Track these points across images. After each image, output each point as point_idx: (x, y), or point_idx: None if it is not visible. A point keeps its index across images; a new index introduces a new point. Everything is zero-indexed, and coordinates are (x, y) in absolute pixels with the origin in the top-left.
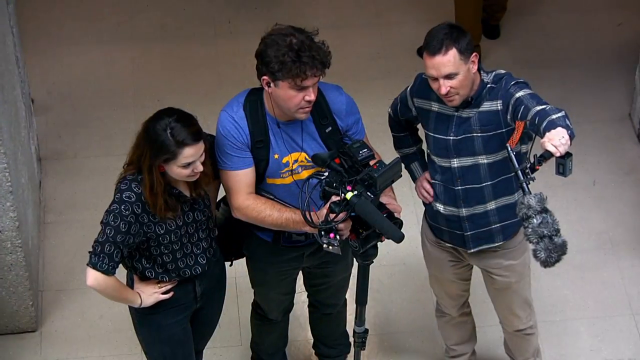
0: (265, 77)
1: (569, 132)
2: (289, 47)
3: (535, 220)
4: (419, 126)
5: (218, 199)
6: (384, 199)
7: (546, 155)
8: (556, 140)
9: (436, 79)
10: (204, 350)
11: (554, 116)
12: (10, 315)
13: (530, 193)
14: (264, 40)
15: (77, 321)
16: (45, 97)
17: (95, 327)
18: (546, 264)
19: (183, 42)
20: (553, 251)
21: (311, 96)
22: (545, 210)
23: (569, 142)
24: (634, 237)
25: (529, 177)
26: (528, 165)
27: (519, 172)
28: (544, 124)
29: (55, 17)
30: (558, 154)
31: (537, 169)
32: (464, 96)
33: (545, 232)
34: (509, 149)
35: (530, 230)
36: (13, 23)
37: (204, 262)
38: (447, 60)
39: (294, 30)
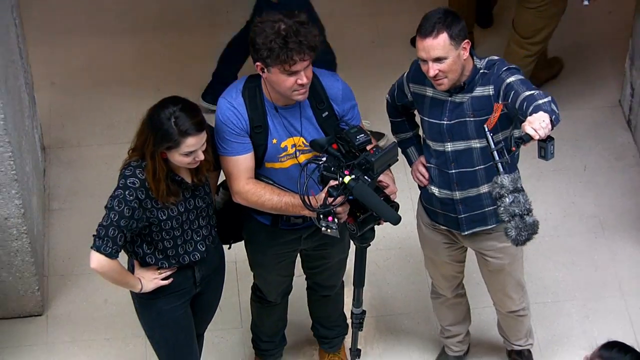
0: (258, 63)
1: (553, 116)
2: (277, 33)
3: (507, 199)
4: (416, 112)
5: (218, 183)
6: (381, 176)
7: (525, 138)
8: (536, 123)
9: (425, 61)
10: (206, 333)
11: (540, 101)
12: (17, 299)
13: (505, 173)
14: (253, 27)
15: (82, 305)
16: (49, 87)
17: (99, 310)
18: (516, 242)
19: (182, 32)
20: (523, 230)
21: (303, 79)
22: (517, 190)
23: (549, 126)
24: (624, 221)
25: (504, 157)
26: (504, 146)
27: (495, 152)
28: (530, 109)
29: (57, 9)
30: (537, 137)
31: (513, 150)
32: (452, 80)
33: (517, 210)
34: (486, 129)
35: (502, 208)
36: (16, 14)
37: (203, 249)
38: (437, 44)
39: (283, 15)
